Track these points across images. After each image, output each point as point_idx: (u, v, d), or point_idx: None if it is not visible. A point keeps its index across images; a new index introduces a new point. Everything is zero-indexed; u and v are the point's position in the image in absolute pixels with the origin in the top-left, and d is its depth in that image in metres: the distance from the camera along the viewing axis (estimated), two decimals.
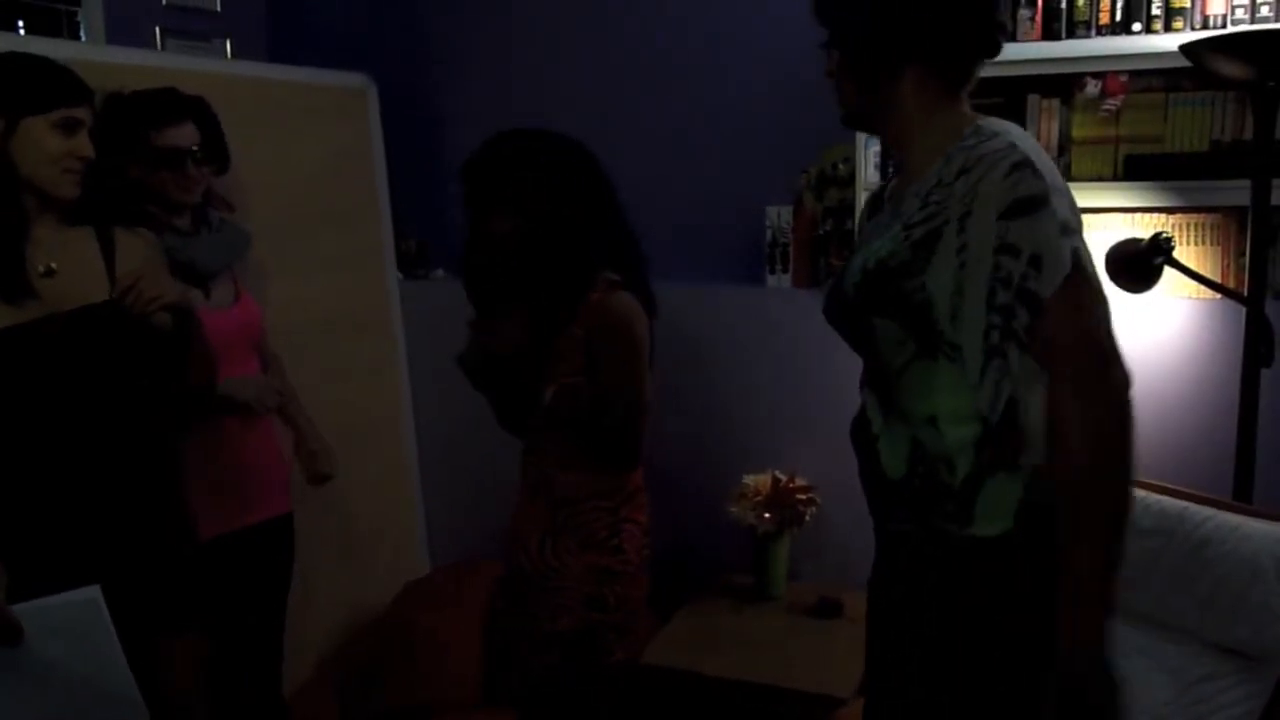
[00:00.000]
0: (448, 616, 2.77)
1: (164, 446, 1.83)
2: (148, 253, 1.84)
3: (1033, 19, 2.33)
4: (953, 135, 1.32)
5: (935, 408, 1.31)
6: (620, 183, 2.98)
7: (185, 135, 2.07)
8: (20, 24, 2.75)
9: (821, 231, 2.70)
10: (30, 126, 1.65)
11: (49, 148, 1.66)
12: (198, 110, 2.12)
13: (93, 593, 1.64)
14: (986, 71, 2.39)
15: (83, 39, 2.82)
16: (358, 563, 2.94)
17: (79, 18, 2.83)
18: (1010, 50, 2.33)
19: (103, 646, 1.63)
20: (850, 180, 2.59)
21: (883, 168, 2.53)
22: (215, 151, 2.15)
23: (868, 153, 2.52)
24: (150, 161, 2.03)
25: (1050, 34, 2.32)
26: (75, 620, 1.63)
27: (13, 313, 1.62)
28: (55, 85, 1.68)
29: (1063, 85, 2.37)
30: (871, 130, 1.45)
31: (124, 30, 2.87)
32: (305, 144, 2.80)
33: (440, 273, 3.24)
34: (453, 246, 3.15)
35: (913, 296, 1.29)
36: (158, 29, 2.99)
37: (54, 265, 1.68)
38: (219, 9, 3.17)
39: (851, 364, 2.69)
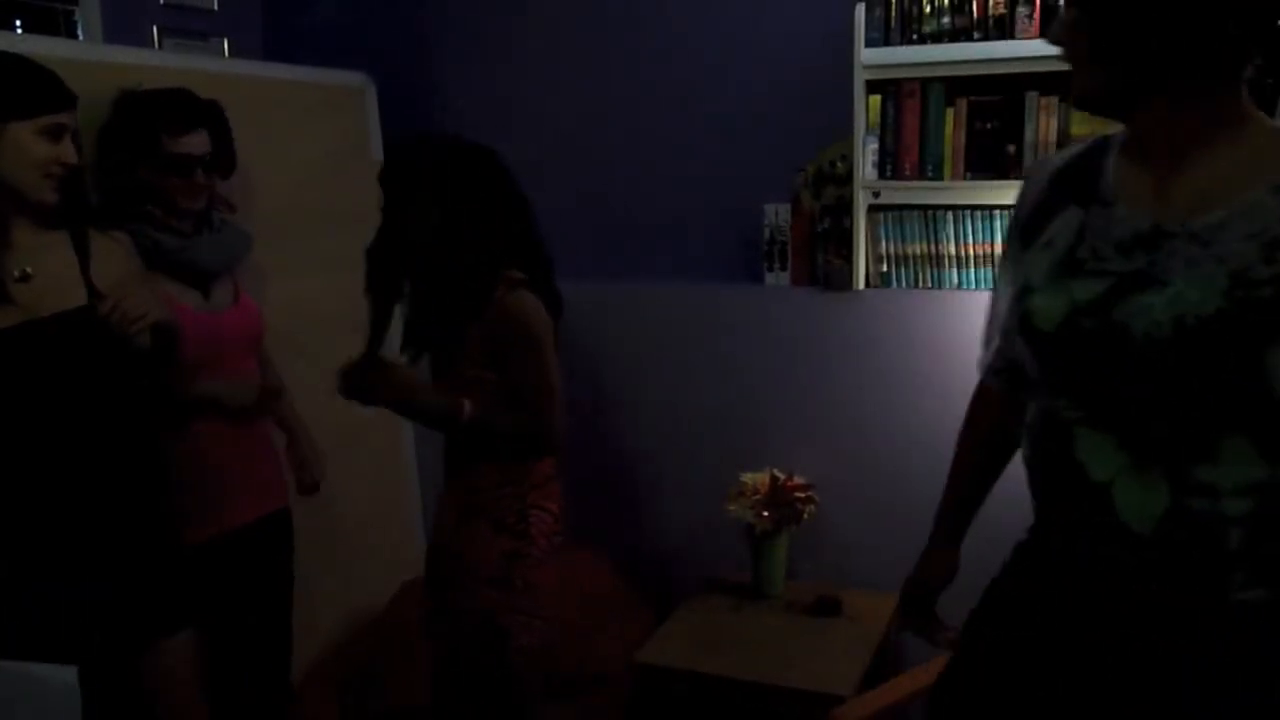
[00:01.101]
0: None
1: (142, 449, 1.82)
2: (122, 256, 1.83)
3: (1031, 16, 2.33)
4: (1271, 159, 1.11)
5: (1218, 477, 1.12)
6: (618, 181, 3.01)
7: (199, 143, 2.07)
8: (18, 23, 2.74)
9: (819, 229, 2.70)
10: (16, 132, 1.64)
11: (34, 154, 1.65)
12: (211, 117, 2.12)
13: (69, 676, 1.63)
14: (984, 69, 2.41)
15: (80, 38, 2.82)
16: (356, 562, 2.93)
17: (76, 17, 2.83)
18: (1008, 48, 2.35)
19: None
20: (848, 178, 2.59)
21: (880, 166, 2.53)
22: (223, 158, 2.15)
23: (865, 150, 2.52)
24: (160, 166, 2.03)
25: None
26: (46, 695, 1.61)
27: None
28: (42, 90, 1.67)
29: (1062, 82, 2.36)
30: (1114, 116, 1.22)
31: (121, 29, 2.86)
32: (304, 143, 2.80)
33: None
34: None
35: (1240, 367, 1.08)
36: (155, 28, 2.98)
37: (29, 270, 1.66)
38: (216, 8, 3.16)
39: (850, 362, 2.70)
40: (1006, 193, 2.45)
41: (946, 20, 2.40)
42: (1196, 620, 1.16)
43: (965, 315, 2.56)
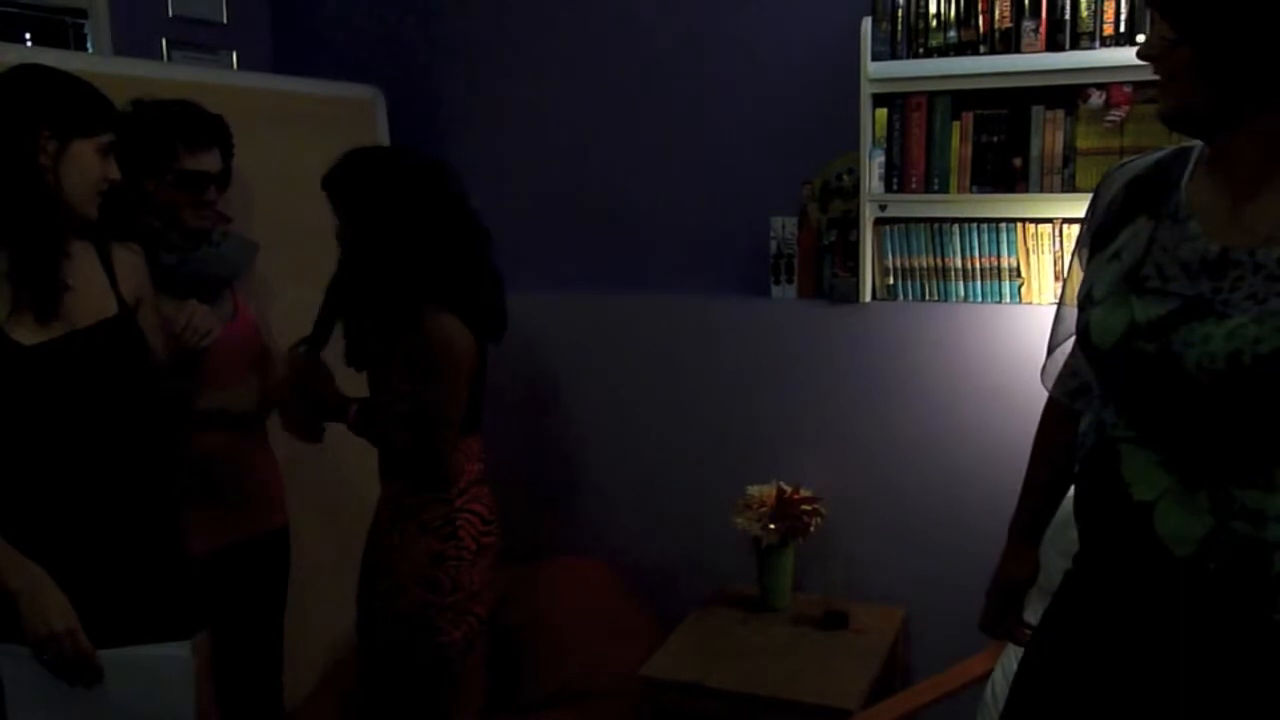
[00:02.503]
0: None
1: (158, 458, 1.84)
2: (140, 267, 1.86)
3: (1036, 30, 2.34)
4: None
5: (1266, 504, 1.10)
6: (624, 193, 3.02)
7: (211, 161, 2.08)
8: (27, 36, 2.75)
9: (826, 242, 2.70)
10: (80, 149, 1.67)
11: (92, 171, 1.69)
12: (221, 132, 2.12)
13: (183, 650, 1.68)
14: (990, 83, 2.42)
15: (90, 50, 2.83)
16: (359, 573, 2.92)
17: (86, 29, 2.84)
18: (1014, 61, 2.36)
19: (178, 704, 1.67)
20: (854, 191, 2.60)
21: (887, 179, 2.54)
22: (225, 173, 2.15)
23: (872, 163, 2.52)
24: (173, 182, 2.03)
25: (1054, 45, 2.33)
26: (159, 674, 1.67)
27: (36, 329, 1.63)
28: (100, 109, 1.72)
29: (1067, 96, 2.37)
30: (1202, 134, 1.19)
31: (130, 42, 2.87)
32: (313, 155, 2.77)
33: None
34: None
35: None
36: (164, 41, 3.00)
37: (69, 281, 1.69)
38: (225, 20, 3.18)
39: (856, 375, 2.71)
40: (1012, 206, 2.46)
41: (953, 34, 2.41)
42: (1236, 642, 1.14)
43: (972, 328, 2.57)
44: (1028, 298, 2.49)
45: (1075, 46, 2.31)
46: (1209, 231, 1.15)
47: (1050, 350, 1.46)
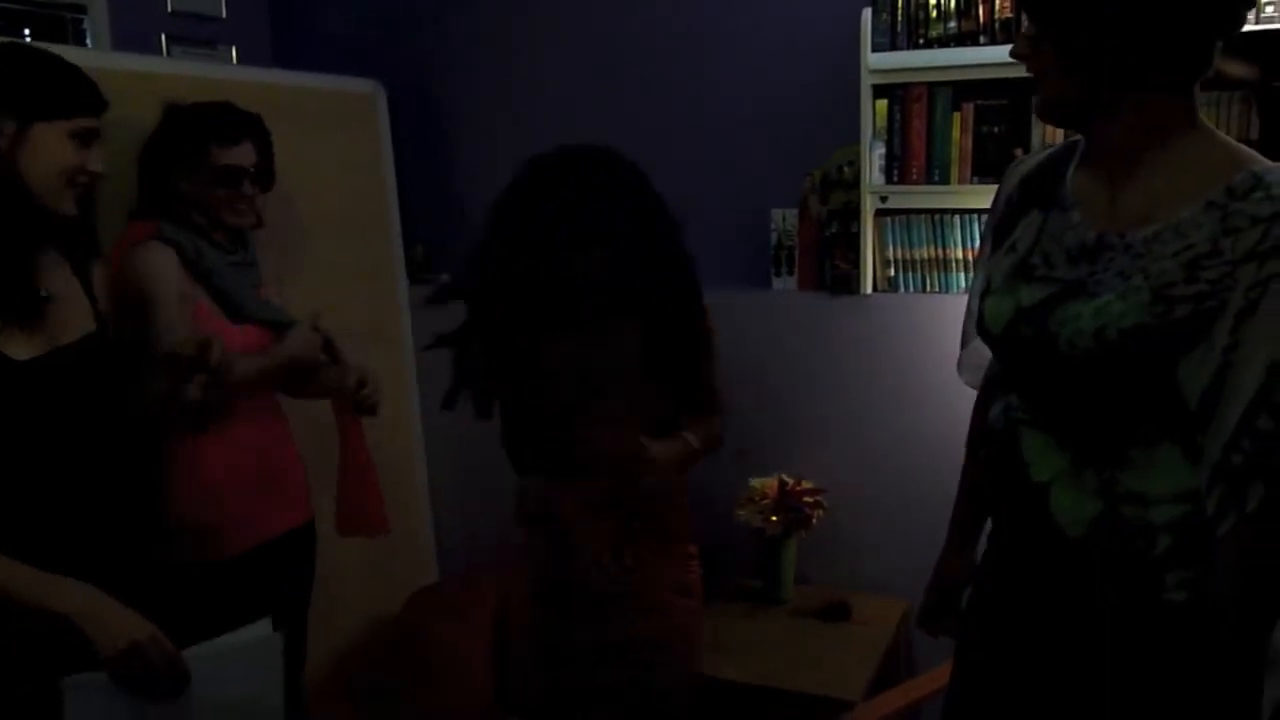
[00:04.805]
0: (461, 626, 2.77)
1: (141, 472, 1.78)
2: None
3: None
4: (1213, 175, 1.11)
5: (1148, 486, 1.15)
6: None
7: (245, 155, 2.06)
8: (26, 31, 2.75)
9: (827, 234, 2.70)
10: (43, 134, 1.54)
11: (60, 159, 1.55)
12: (256, 129, 2.11)
13: (266, 628, 1.58)
14: (991, 73, 2.41)
15: (89, 46, 2.82)
16: (370, 571, 2.93)
17: (84, 25, 2.84)
18: None
19: (267, 688, 1.58)
20: (855, 183, 2.59)
21: (887, 170, 2.53)
22: (265, 172, 2.14)
23: (873, 155, 2.52)
24: (208, 178, 2.02)
25: None
26: (245, 660, 1.57)
27: (25, 344, 1.53)
28: (74, 90, 1.58)
29: None
30: (1075, 126, 1.25)
31: (129, 37, 2.86)
32: (315, 151, 2.80)
33: (446, 278, 3.23)
34: (459, 254, 3.15)
35: (1159, 378, 1.11)
36: (163, 35, 2.99)
37: (46, 291, 1.57)
38: (224, 16, 3.18)
39: (858, 366, 2.70)
40: None
41: (953, 24, 2.40)
42: (1130, 622, 1.18)
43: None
44: None
45: None
46: (1088, 219, 1.21)
47: (964, 343, 1.51)
